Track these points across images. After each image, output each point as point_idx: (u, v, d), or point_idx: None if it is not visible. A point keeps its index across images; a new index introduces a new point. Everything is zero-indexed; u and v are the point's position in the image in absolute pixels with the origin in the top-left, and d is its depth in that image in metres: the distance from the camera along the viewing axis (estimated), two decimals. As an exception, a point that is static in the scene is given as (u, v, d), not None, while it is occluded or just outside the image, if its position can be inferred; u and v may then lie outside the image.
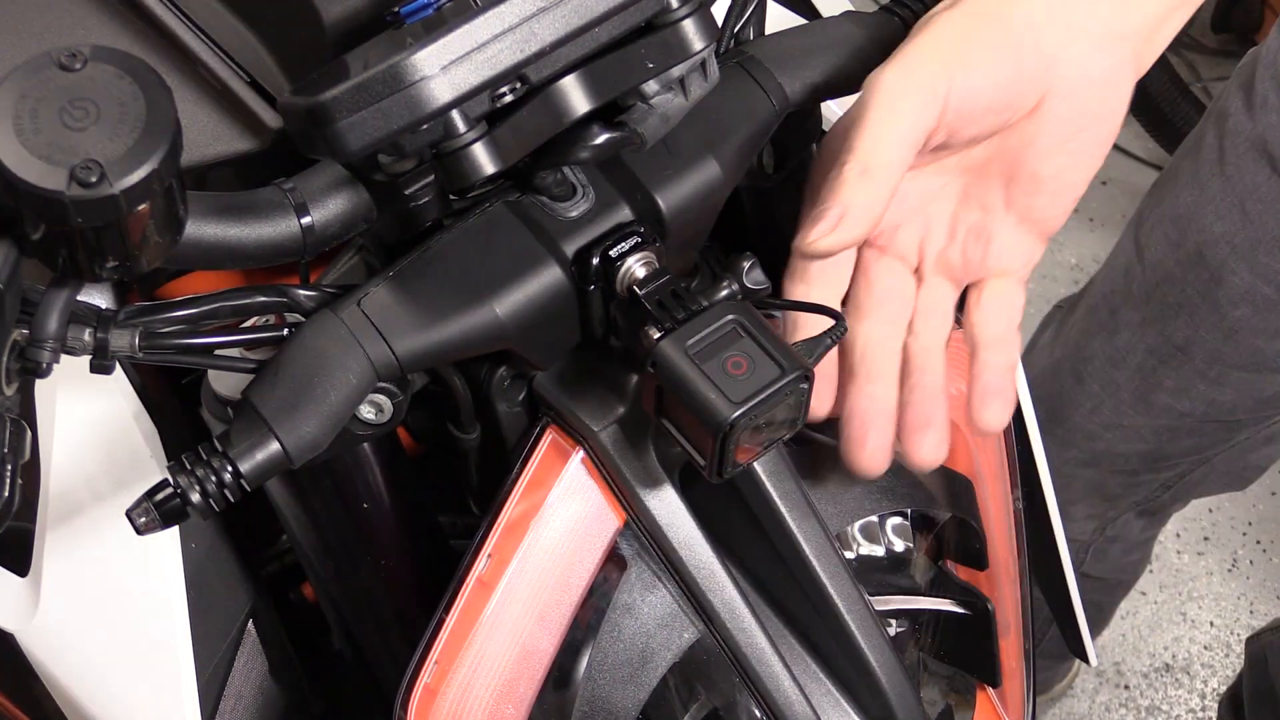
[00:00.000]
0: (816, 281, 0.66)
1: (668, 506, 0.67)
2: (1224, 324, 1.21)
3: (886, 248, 0.67)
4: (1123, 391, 1.33)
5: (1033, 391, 1.42)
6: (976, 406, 0.66)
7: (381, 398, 0.64)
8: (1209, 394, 1.27)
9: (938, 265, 0.68)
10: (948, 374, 0.67)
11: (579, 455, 0.68)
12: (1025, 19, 0.60)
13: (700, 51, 0.58)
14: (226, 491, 0.54)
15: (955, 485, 0.82)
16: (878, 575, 0.80)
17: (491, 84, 0.54)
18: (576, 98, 0.57)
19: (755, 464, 0.67)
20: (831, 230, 0.59)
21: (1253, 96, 1.14)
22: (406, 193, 0.58)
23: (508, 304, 0.60)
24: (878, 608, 0.74)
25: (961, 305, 0.69)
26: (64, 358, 0.53)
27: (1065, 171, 0.64)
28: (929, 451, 0.66)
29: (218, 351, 0.60)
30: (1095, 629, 1.80)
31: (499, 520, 0.67)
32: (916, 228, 0.67)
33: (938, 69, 0.60)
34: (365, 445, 0.71)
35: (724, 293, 0.60)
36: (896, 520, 0.82)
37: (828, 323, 0.62)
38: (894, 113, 0.60)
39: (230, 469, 0.54)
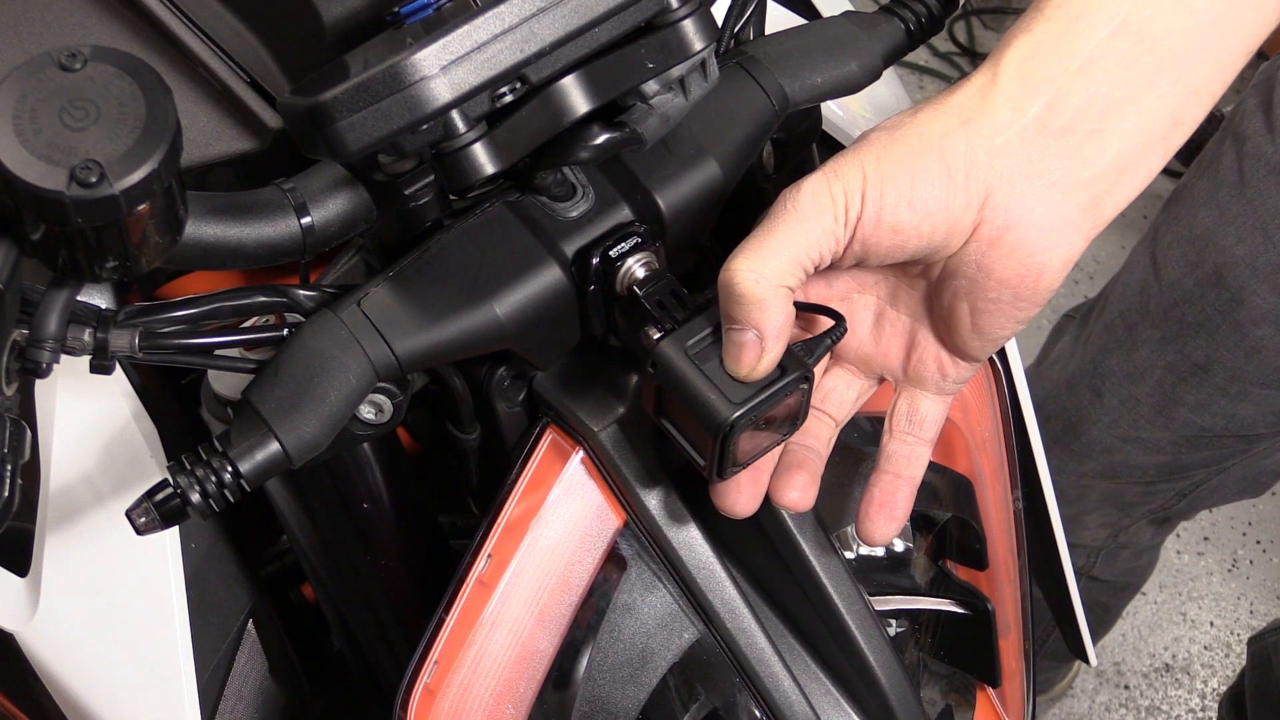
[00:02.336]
0: None
1: (668, 506, 0.67)
2: (1245, 343, 1.21)
3: (809, 327, 0.64)
4: (1142, 406, 1.33)
5: (1050, 405, 1.42)
6: (861, 516, 0.63)
7: (381, 398, 0.64)
8: (1229, 409, 1.27)
9: (854, 356, 0.65)
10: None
11: (579, 455, 0.68)
12: (963, 153, 0.55)
13: (700, 51, 0.58)
14: (226, 492, 0.54)
15: (955, 485, 0.82)
16: (878, 575, 0.80)
17: (491, 84, 0.54)
18: (576, 98, 0.57)
19: (755, 464, 0.67)
20: (758, 358, 0.57)
21: (1272, 118, 1.14)
22: (406, 193, 0.58)
23: (508, 304, 0.60)
24: (878, 608, 0.74)
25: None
26: (64, 358, 0.53)
27: (982, 317, 0.59)
28: (793, 496, 0.63)
29: (218, 351, 0.60)
30: (1101, 630, 1.80)
31: (499, 520, 0.67)
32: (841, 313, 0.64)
33: (854, 188, 0.56)
34: (365, 445, 0.71)
35: (724, 293, 0.60)
36: (896, 520, 0.82)
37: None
38: (801, 225, 0.56)
39: (230, 469, 0.54)
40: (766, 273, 0.56)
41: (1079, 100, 0.56)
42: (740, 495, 0.62)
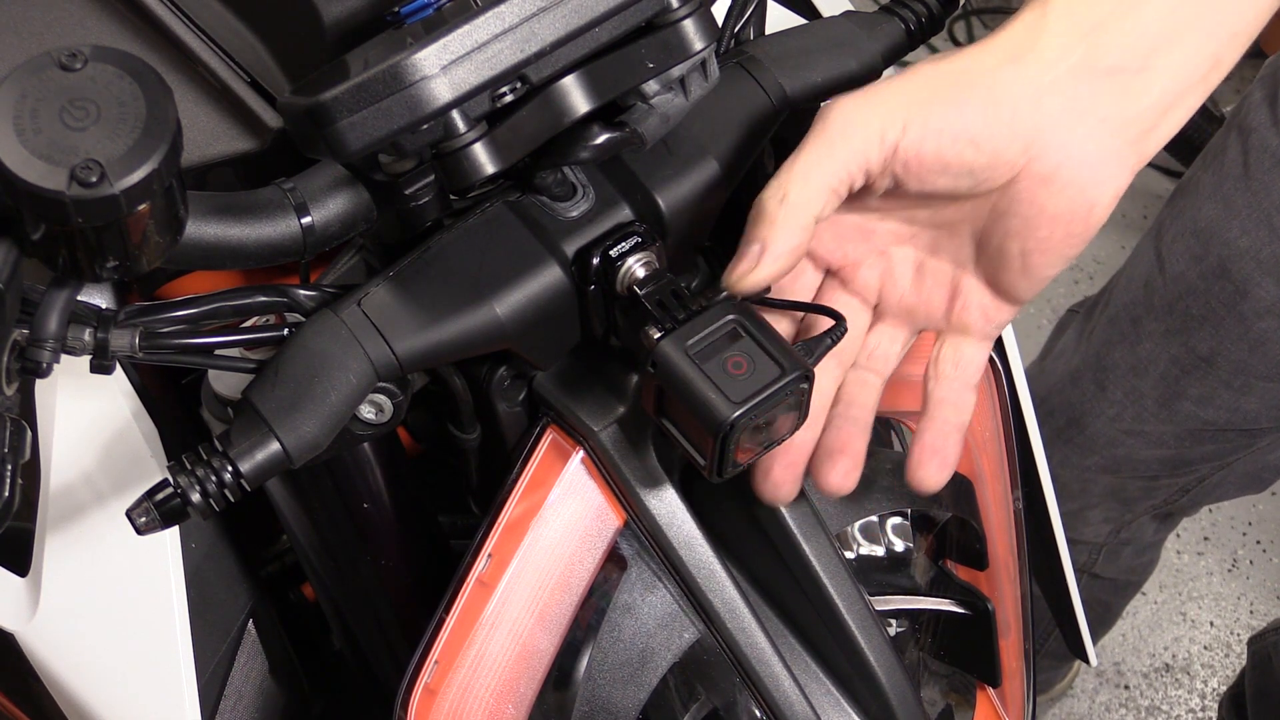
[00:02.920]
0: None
1: (668, 506, 0.67)
2: (1249, 336, 1.21)
3: (848, 282, 0.65)
4: (1146, 399, 1.33)
5: (1053, 399, 1.43)
6: (913, 464, 0.63)
7: (381, 398, 0.64)
8: (1233, 402, 1.28)
9: (896, 309, 0.65)
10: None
11: (579, 455, 0.68)
12: (1009, 88, 0.56)
13: (700, 51, 0.58)
14: (226, 491, 0.54)
15: (955, 485, 0.82)
16: (878, 575, 0.80)
17: (492, 84, 0.54)
18: (576, 98, 0.57)
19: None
20: (752, 270, 0.58)
21: (1277, 111, 1.14)
22: (406, 193, 0.58)
23: (508, 304, 0.60)
24: (878, 608, 0.74)
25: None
26: (64, 358, 0.53)
27: (1033, 256, 0.60)
28: (836, 479, 0.63)
29: (218, 351, 0.60)
30: (1102, 629, 1.80)
31: (499, 520, 0.67)
32: (880, 268, 0.65)
33: (894, 112, 0.57)
34: (365, 445, 0.71)
35: (724, 293, 0.60)
36: (896, 520, 0.82)
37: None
38: (831, 147, 0.57)
39: (230, 469, 0.54)
40: (790, 194, 0.57)
41: (1127, 39, 0.57)
42: (783, 484, 0.63)
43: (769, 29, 0.72)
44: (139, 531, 0.54)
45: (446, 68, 0.53)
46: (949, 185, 0.58)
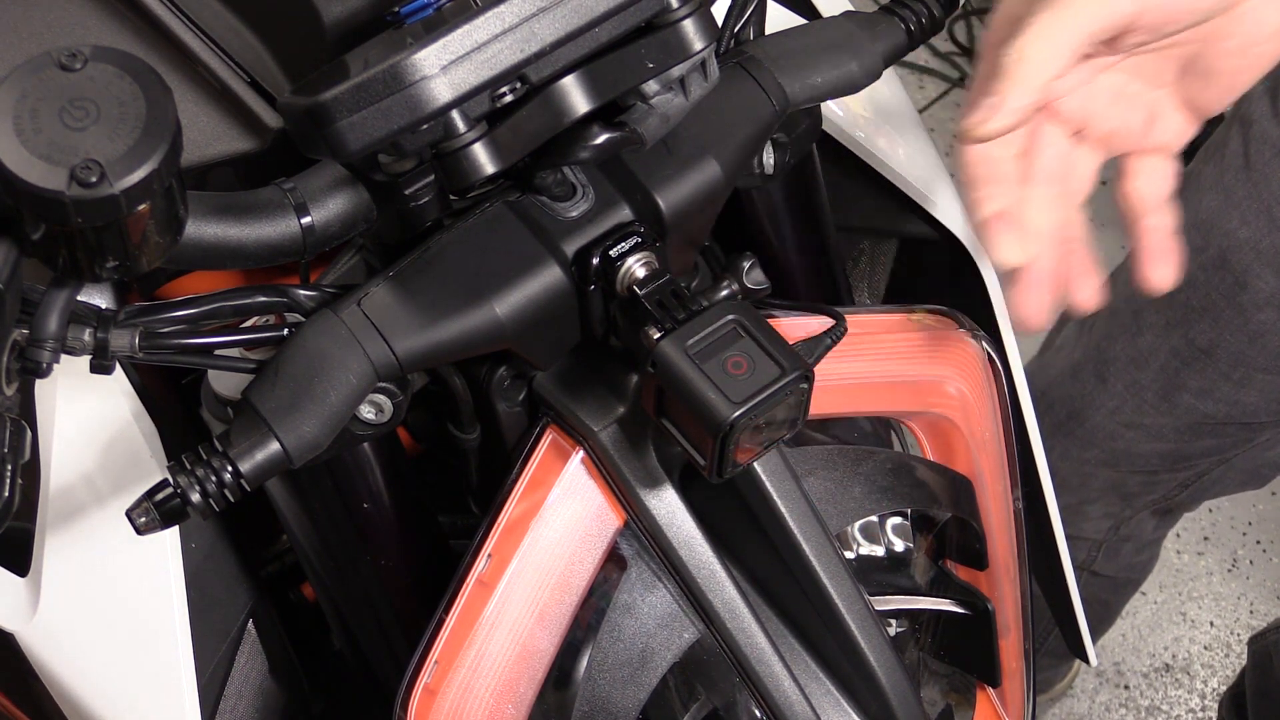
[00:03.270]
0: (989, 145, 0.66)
1: (668, 506, 0.67)
2: (1248, 328, 1.21)
3: (1055, 113, 0.68)
4: (1146, 392, 1.33)
5: (1054, 392, 1.43)
6: (1147, 269, 0.68)
7: (381, 398, 0.64)
8: (1233, 395, 1.28)
9: (1097, 133, 0.68)
10: (930, 360, 0.67)
11: (579, 455, 0.68)
12: None
13: (700, 51, 0.58)
14: (226, 491, 0.54)
15: (955, 485, 0.82)
16: (878, 575, 0.80)
17: (492, 84, 0.54)
18: (576, 98, 0.57)
19: (755, 464, 0.67)
20: (985, 121, 0.60)
21: (1279, 103, 1.14)
22: (406, 193, 0.58)
23: (508, 304, 0.60)
24: (878, 608, 0.74)
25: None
26: (64, 358, 0.53)
27: (1241, 71, 0.64)
28: (1088, 296, 0.69)
29: (218, 351, 0.60)
30: (1102, 627, 1.80)
31: (499, 520, 0.67)
32: (1083, 95, 0.68)
33: None
34: (365, 445, 0.71)
35: (724, 293, 0.60)
36: (896, 520, 0.82)
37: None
38: (1076, 7, 0.59)
39: (230, 469, 0.54)
40: (1028, 53, 0.59)
41: None
42: (1041, 308, 0.67)
43: (769, 29, 0.72)
44: (139, 531, 0.54)
45: (446, 68, 0.53)
46: (1187, 29, 0.62)
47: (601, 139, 0.59)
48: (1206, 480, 1.43)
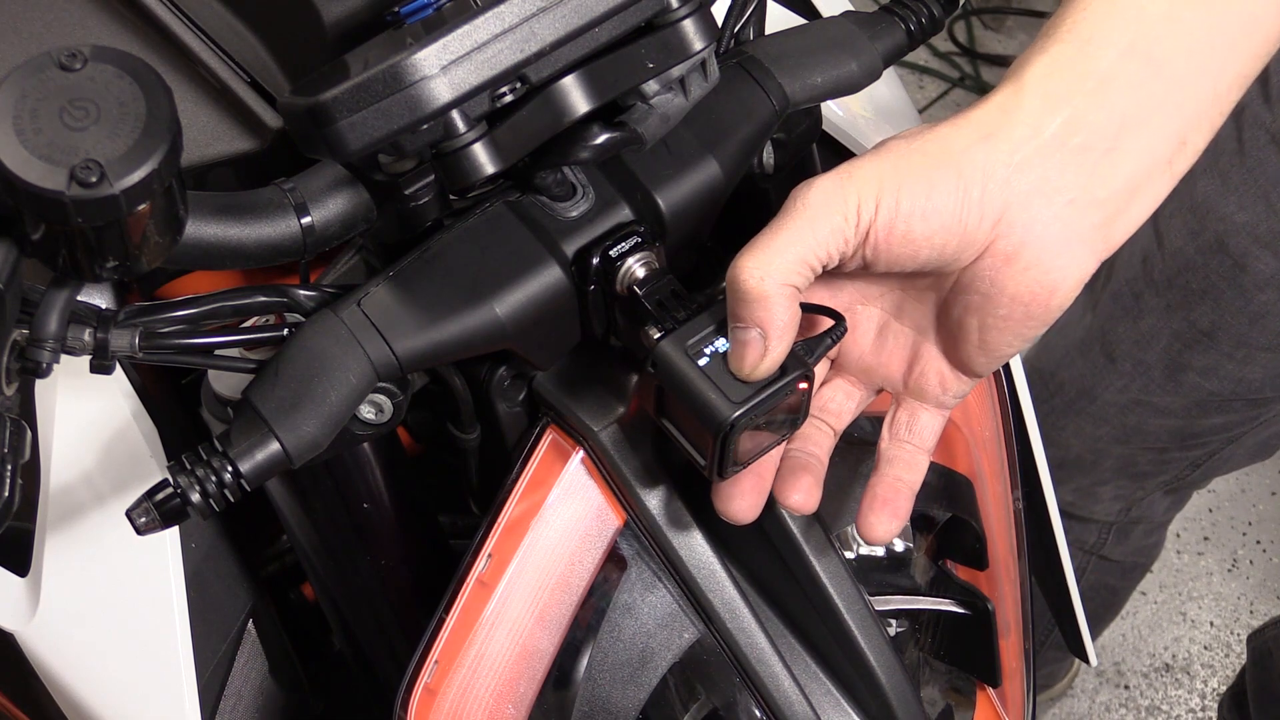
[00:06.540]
0: None
1: (668, 506, 0.67)
2: (1249, 308, 1.22)
3: (806, 330, 0.64)
4: (1153, 371, 1.35)
5: (1063, 371, 1.44)
6: (863, 513, 0.62)
7: (381, 398, 0.64)
8: (1237, 373, 1.29)
9: (855, 367, 0.65)
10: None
11: (579, 455, 0.68)
12: (980, 167, 0.55)
13: (700, 51, 0.58)
14: (226, 491, 0.54)
15: (955, 485, 0.82)
16: (878, 575, 0.80)
17: (491, 84, 0.54)
18: (576, 98, 0.57)
19: (755, 464, 0.67)
20: (763, 357, 0.57)
21: (1269, 88, 1.14)
22: (406, 193, 0.58)
23: (508, 304, 0.60)
24: (878, 608, 0.74)
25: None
26: (64, 358, 0.53)
27: (990, 334, 0.59)
28: (796, 503, 0.63)
29: (218, 351, 0.60)
30: (1108, 616, 1.80)
31: (499, 520, 0.67)
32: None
33: (868, 192, 0.56)
34: (365, 445, 0.71)
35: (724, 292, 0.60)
36: (896, 520, 0.82)
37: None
38: (808, 224, 0.56)
39: (230, 469, 0.54)
40: (772, 270, 0.56)
41: (1097, 118, 0.56)
42: (743, 501, 0.62)
43: (769, 29, 0.72)
44: (139, 532, 0.54)
45: (446, 68, 0.53)
46: (917, 266, 0.58)
47: (601, 139, 0.59)
48: (1217, 460, 1.45)
